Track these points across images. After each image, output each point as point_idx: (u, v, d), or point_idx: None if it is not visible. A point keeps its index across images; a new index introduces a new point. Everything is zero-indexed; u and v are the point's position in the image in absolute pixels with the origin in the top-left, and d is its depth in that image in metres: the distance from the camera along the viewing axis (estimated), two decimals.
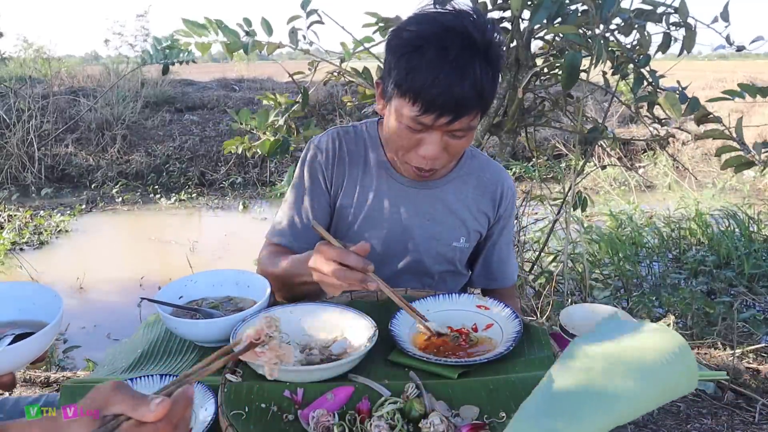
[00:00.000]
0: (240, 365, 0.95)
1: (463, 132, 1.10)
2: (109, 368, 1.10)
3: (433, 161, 1.13)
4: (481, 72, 1.03)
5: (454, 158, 1.18)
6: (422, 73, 1.02)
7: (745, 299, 3.38)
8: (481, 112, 1.10)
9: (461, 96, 1.02)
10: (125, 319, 3.69)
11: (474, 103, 1.05)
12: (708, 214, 4.64)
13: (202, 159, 8.10)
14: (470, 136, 1.14)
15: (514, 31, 2.25)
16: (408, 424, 0.81)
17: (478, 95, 1.04)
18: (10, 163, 7.54)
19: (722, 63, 20.12)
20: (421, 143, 1.11)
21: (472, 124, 1.09)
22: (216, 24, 2.22)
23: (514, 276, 1.47)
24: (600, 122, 2.42)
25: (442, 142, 1.11)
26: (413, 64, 1.04)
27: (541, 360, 0.95)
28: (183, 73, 10.68)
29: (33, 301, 0.93)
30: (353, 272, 0.96)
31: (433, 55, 1.02)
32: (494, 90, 1.08)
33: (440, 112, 1.04)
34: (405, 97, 1.07)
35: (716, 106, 2.01)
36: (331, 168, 1.33)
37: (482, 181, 1.35)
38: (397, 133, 1.13)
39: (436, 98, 1.03)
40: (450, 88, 1.01)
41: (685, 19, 2.05)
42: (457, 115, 1.05)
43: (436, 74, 1.01)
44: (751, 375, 2.47)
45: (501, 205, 1.36)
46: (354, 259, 0.96)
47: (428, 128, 1.08)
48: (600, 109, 6.56)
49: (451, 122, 1.06)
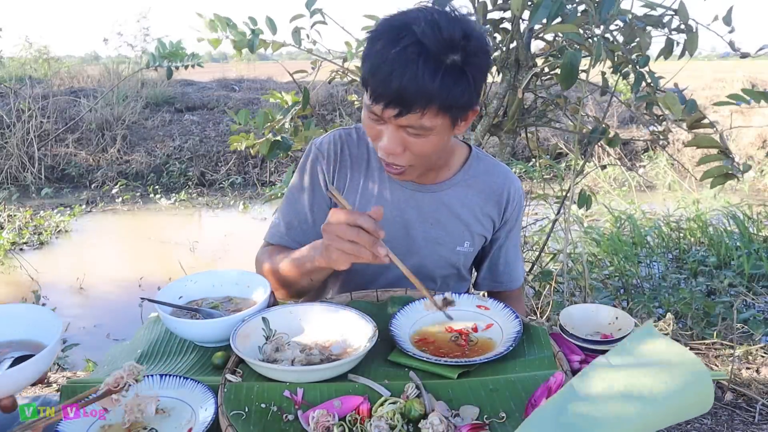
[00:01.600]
0: (240, 365, 0.95)
1: (415, 131, 1.07)
2: (109, 368, 1.10)
3: (391, 156, 1.12)
4: (426, 71, 1.00)
5: (419, 159, 1.14)
6: (369, 62, 1.05)
7: (745, 299, 3.38)
8: (446, 113, 1.06)
9: (399, 88, 1.01)
10: (125, 319, 3.69)
11: (416, 99, 1.02)
12: (708, 214, 4.64)
13: (202, 159, 8.10)
14: (433, 140, 1.10)
15: (514, 31, 2.25)
16: (408, 424, 0.81)
17: (419, 91, 1.01)
18: (10, 163, 7.55)
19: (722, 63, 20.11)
20: (381, 136, 1.12)
21: (425, 123, 1.05)
22: (225, 21, 2.24)
23: (520, 279, 1.46)
24: (599, 122, 2.42)
25: (399, 138, 1.09)
26: (366, 53, 1.07)
27: (541, 360, 0.95)
28: (183, 73, 10.66)
29: (31, 322, 0.92)
30: (366, 235, 0.97)
31: (381, 46, 1.03)
32: (453, 91, 1.03)
33: (385, 103, 1.04)
34: (363, 86, 1.11)
35: (715, 106, 2.01)
36: (332, 171, 1.32)
37: (488, 184, 1.34)
38: (365, 124, 1.15)
39: (376, 87, 1.04)
40: (389, 79, 1.01)
41: (685, 22, 2.05)
42: (402, 109, 1.03)
43: (378, 64, 1.03)
44: (751, 375, 2.47)
45: (507, 209, 1.35)
46: (367, 220, 0.97)
47: (383, 120, 1.09)
48: (600, 109, 6.57)
49: (398, 116, 1.05)
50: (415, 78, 1.00)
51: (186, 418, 0.87)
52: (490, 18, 2.31)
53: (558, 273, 2.92)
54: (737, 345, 2.66)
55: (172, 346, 1.14)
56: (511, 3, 1.93)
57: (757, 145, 8.08)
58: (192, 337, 1.11)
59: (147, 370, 1.06)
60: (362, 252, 0.97)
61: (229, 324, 1.03)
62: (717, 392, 2.36)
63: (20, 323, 0.92)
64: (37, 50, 11.00)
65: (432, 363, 0.93)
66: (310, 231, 1.31)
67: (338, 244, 0.98)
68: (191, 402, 0.90)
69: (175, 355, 1.11)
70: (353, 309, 1.06)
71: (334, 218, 1.00)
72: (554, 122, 2.64)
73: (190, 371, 1.04)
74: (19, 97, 7.94)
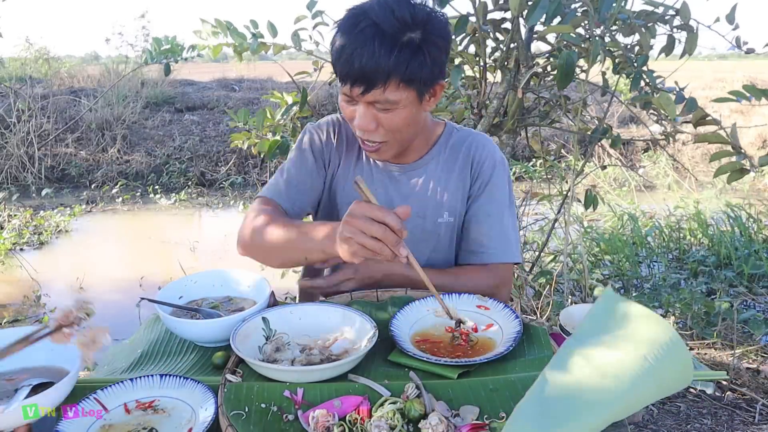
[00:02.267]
0: (240, 365, 0.95)
1: (383, 106, 1.15)
2: (109, 368, 1.10)
3: (365, 132, 1.20)
4: (382, 49, 1.09)
5: (393, 134, 1.20)
6: (335, 46, 1.15)
7: (745, 299, 3.38)
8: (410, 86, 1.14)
9: (360, 67, 1.10)
10: (125, 319, 3.69)
11: (375, 75, 1.11)
12: (708, 214, 4.64)
13: (202, 159, 8.10)
14: (400, 113, 1.17)
15: (514, 31, 2.25)
16: (408, 424, 0.81)
17: (377, 68, 1.10)
18: (10, 163, 7.54)
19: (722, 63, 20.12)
20: (355, 115, 1.19)
21: (390, 97, 1.13)
22: (225, 26, 2.25)
23: (501, 255, 1.32)
24: (601, 122, 2.42)
25: (370, 114, 1.17)
26: (333, 39, 1.17)
27: (541, 360, 0.95)
28: (183, 73, 10.69)
29: (50, 347, 0.88)
30: (391, 234, 0.93)
31: (343, 32, 1.14)
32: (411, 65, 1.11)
33: (351, 82, 1.13)
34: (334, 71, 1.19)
35: (716, 106, 2.02)
36: (328, 150, 1.39)
37: (460, 154, 1.37)
38: (341, 105, 1.23)
39: (342, 69, 1.13)
40: (351, 59, 1.11)
41: (687, 22, 2.05)
42: (367, 86, 1.12)
43: (342, 47, 1.13)
44: (751, 375, 2.47)
45: (479, 174, 1.34)
46: (394, 218, 0.93)
47: (354, 99, 1.17)
48: (600, 109, 6.56)
49: (364, 93, 1.13)
50: (372, 56, 1.09)
51: (186, 418, 0.87)
52: (490, 18, 2.31)
53: (558, 273, 2.92)
54: (737, 345, 2.66)
55: (172, 346, 1.14)
56: (511, 3, 1.93)
57: (757, 145, 8.08)
58: (192, 338, 1.11)
59: (147, 370, 1.06)
60: (384, 250, 0.94)
61: (229, 324, 1.02)
62: (717, 392, 2.36)
63: (39, 348, 0.88)
64: (37, 50, 11.00)
65: (432, 363, 0.93)
66: (304, 194, 1.35)
67: (361, 238, 0.94)
68: (191, 402, 0.90)
69: (175, 355, 1.11)
70: (353, 309, 1.06)
71: (359, 211, 0.95)
72: (555, 122, 2.64)
73: (190, 371, 1.04)
74: (19, 97, 7.94)
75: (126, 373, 1.04)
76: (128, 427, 0.86)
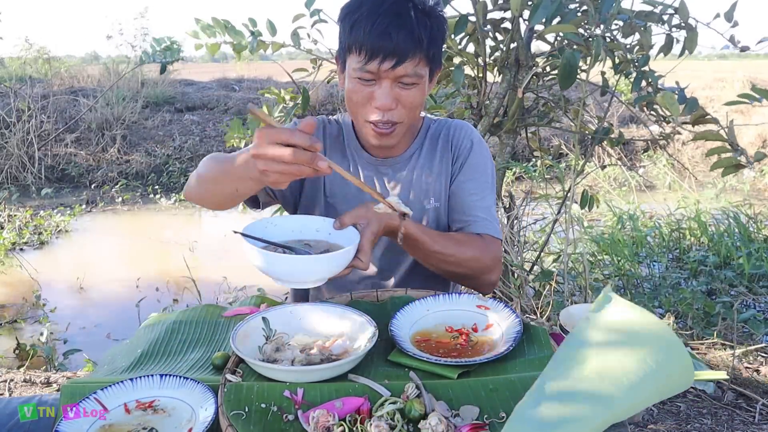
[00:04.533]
0: (240, 365, 0.95)
1: (410, 79, 1.17)
2: (108, 368, 1.10)
3: (387, 112, 1.20)
4: (417, 20, 1.14)
5: (409, 112, 1.22)
6: (362, 24, 1.14)
7: (745, 299, 3.38)
8: (428, 63, 1.19)
9: (399, 39, 1.12)
10: (125, 319, 3.69)
11: (412, 47, 1.14)
12: (708, 214, 4.64)
13: (202, 159, 8.10)
14: (421, 88, 1.21)
15: (514, 31, 2.26)
16: (408, 424, 0.81)
17: (416, 39, 1.14)
18: (10, 163, 7.54)
19: (722, 63, 20.12)
20: (374, 96, 1.19)
21: (418, 71, 1.17)
22: (223, 24, 2.24)
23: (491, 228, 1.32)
24: (602, 122, 2.42)
25: (393, 93, 1.18)
26: (354, 19, 1.16)
27: (541, 360, 0.95)
28: (183, 73, 10.69)
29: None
30: (303, 152, 0.89)
31: (370, 6, 1.15)
32: (434, 43, 1.18)
33: (383, 57, 1.13)
34: (352, 52, 1.18)
35: (716, 105, 2.02)
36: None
37: (440, 140, 1.40)
38: (352, 90, 1.21)
39: (374, 42, 1.13)
40: (387, 31, 1.12)
41: (685, 20, 2.05)
42: (400, 59, 1.14)
43: (373, 21, 1.13)
44: (751, 375, 2.47)
45: (458, 155, 1.38)
46: (302, 137, 0.89)
47: (377, 78, 1.17)
48: (600, 109, 6.56)
49: (395, 67, 1.14)
50: (411, 28, 1.13)
51: (186, 418, 0.87)
52: (490, 18, 2.31)
53: (558, 273, 2.92)
54: (737, 345, 2.66)
55: (172, 346, 1.14)
56: (511, 3, 1.93)
57: (758, 145, 8.08)
58: (288, 277, 1.03)
59: (147, 370, 1.06)
60: (303, 170, 0.91)
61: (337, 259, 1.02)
62: (717, 392, 2.36)
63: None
64: (37, 50, 11.00)
65: (432, 363, 0.93)
66: None
67: (275, 167, 0.90)
68: (191, 402, 0.90)
69: (175, 355, 1.11)
70: (353, 309, 1.06)
71: (263, 140, 0.90)
72: (555, 122, 2.64)
73: (190, 371, 1.04)
74: (19, 97, 7.94)
75: (126, 373, 1.04)
76: (128, 427, 0.86)
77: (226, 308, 1.26)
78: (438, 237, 1.23)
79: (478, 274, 1.28)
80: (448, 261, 1.24)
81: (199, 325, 1.20)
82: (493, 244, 1.31)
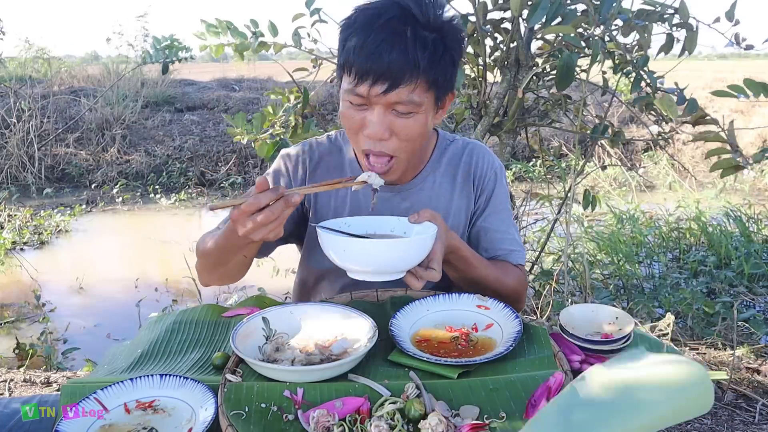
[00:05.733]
0: (240, 365, 0.95)
1: (405, 108, 1.05)
2: (109, 368, 1.10)
3: (379, 142, 1.08)
4: (416, 39, 1.00)
5: (406, 144, 1.10)
6: (353, 40, 1.02)
7: (745, 299, 3.38)
8: (432, 89, 1.06)
9: (389, 61, 0.99)
10: (125, 319, 3.69)
11: (408, 71, 1.00)
12: (708, 214, 4.64)
13: (202, 159, 8.10)
14: (421, 118, 1.08)
15: (514, 31, 2.26)
16: (408, 424, 0.81)
17: (411, 62, 1.00)
18: (10, 163, 7.55)
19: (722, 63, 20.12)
20: (366, 122, 1.08)
21: (414, 98, 1.04)
22: (226, 25, 2.25)
23: (521, 257, 1.33)
24: (601, 121, 2.42)
25: (386, 120, 1.06)
26: (347, 33, 1.04)
27: (541, 360, 0.95)
28: (183, 73, 10.69)
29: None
30: (275, 205, 0.93)
31: (364, 20, 1.02)
32: (437, 65, 1.03)
33: (373, 80, 1.01)
34: (344, 71, 1.07)
35: (716, 106, 2.03)
36: (301, 180, 1.30)
37: (459, 168, 1.31)
38: (345, 115, 1.11)
39: (364, 62, 1.00)
40: (378, 51, 0.99)
41: (686, 20, 2.06)
42: (392, 83, 1.01)
43: (365, 38, 1.00)
44: (751, 375, 2.47)
45: (483, 189, 1.32)
46: (265, 196, 0.92)
47: (369, 102, 1.05)
48: (600, 109, 6.56)
49: (387, 92, 1.02)
50: (405, 49, 0.99)
51: (186, 418, 0.87)
52: (490, 18, 2.31)
53: (558, 273, 2.92)
54: (737, 345, 2.66)
55: (172, 346, 1.14)
56: (511, 3, 1.93)
57: (758, 145, 8.07)
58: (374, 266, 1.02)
59: (147, 370, 1.06)
60: (283, 215, 0.94)
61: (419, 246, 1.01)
62: (717, 392, 2.36)
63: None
64: (37, 50, 11.00)
65: (432, 363, 0.93)
66: None
67: (264, 231, 0.94)
68: (191, 402, 0.90)
69: (175, 355, 1.11)
70: (353, 309, 1.06)
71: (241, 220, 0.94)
72: (555, 122, 2.64)
73: (190, 371, 1.04)
74: (19, 97, 7.94)
75: (126, 373, 1.04)
76: (128, 427, 0.86)
77: (226, 308, 1.26)
78: (486, 262, 1.22)
79: (513, 302, 1.23)
80: (491, 287, 1.21)
81: (199, 325, 1.20)
82: (524, 275, 1.33)
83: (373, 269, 1.02)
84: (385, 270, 1.02)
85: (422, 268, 1.05)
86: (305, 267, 1.40)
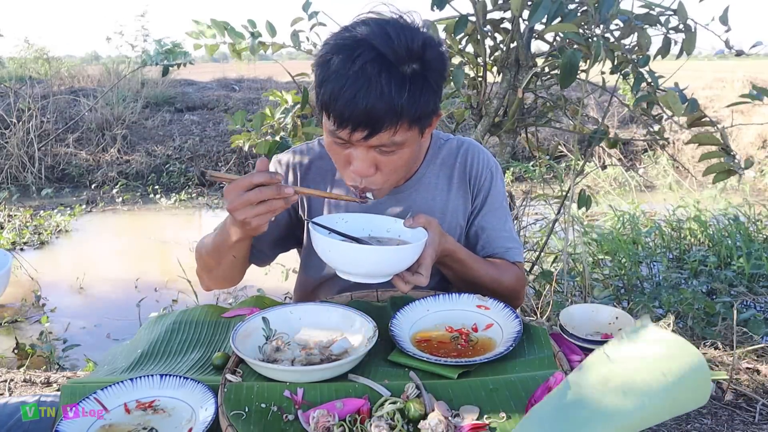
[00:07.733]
0: (240, 365, 0.95)
1: (388, 148, 1.04)
2: (109, 368, 1.10)
3: (364, 179, 1.08)
4: (393, 85, 0.97)
5: (392, 175, 1.11)
6: (329, 86, 0.99)
7: (745, 299, 3.38)
8: (416, 125, 1.04)
9: (367, 108, 0.97)
10: (125, 319, 3.69)
11: (386, 117, 0.98)
12: (708, 215, 4.64)
13: (202, 159, 8.10)
14: (405, 153, 1.08)
15: (514, 31, 2.26)
16: (408, 424, 0.81)
17: (388, 109, 0.97)
18: (10, 163, 7.54)
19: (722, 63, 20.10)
20: (351, 159, 1.07)
21: (396, 139, 1.02)
22: (222, 26, 2.24)
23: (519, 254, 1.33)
24: (600, 123, 2.42)
25: (370, 158, 1.05)
26: (323, 76, 1.01)
27: (541, 360, 0.95)
28: (183, 73, 10.68)
29: None
30: (267, 187, 0.96)
31: (339, 65, 0.98)
32: (419, 103, 1.01)
33: (352, 126, 0.99)
34: (322, 112, 1.05)
35: (716, 106, 2.03)
36: (294, 183, 1.30)
37: (455, 168, 1.31)
38: (329, 148, 1.11)
39: (342, 111, 0.98)
40: (354, 100, 0.97)
41: (684, 22, 2.06)
42: (373, 129, 0.99)
43: (340, 85, 0.97)
44: (751, 375, 2.47)
45: (479, 188, 1.32)
46: (260, 175, 0.96)
47: (351, 144, 1.05)
48: (600, 109, 6.56)
49: (368, 137, 1.00)
50: (381, 95, 0.96)
51: (186, 418, 0.87)
52: (490, 18, 2.31)
53: (558, 273, 2.92)
54: (737, 345, 2.66)
55: (172, 346, 1.14)
56: (511, 3, 1.93)
57: (758, 145, 8.08)
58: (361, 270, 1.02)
59: (147, 370, 1.06)
60: (274, 204, 0.96)
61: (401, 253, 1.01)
62: (717, 392, 2.36)
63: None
64: (36, 50, 11.01)
65: (432, 363, 0.93)
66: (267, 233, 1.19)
67: (250, 212, 0.96)
68: (191, 402, 0.90)
69: (175, 355, 1.11)
70: (353, 309, 1.06)
71: (231, 194, 0.96)
72: (554, 122, 2.64)
73: (190, 371, 1.04)
74: (19, 97, 7.94)
75: (126, 373, 1.04)
76: (128, 427, 0.86)
77: (226, 308, 1.26)
78: (482, 262, 1.23)
79: (511, 300, 1.25)
80: (488, 287, 1.22)
81: (199, 325, 1.20)
82: (522, 271, 1.33)
83: (360, 272, 1.04)
84: (371, 274, 1.04)
85: (410, 273, 1.05)
86: (303, 275, 1.41)
